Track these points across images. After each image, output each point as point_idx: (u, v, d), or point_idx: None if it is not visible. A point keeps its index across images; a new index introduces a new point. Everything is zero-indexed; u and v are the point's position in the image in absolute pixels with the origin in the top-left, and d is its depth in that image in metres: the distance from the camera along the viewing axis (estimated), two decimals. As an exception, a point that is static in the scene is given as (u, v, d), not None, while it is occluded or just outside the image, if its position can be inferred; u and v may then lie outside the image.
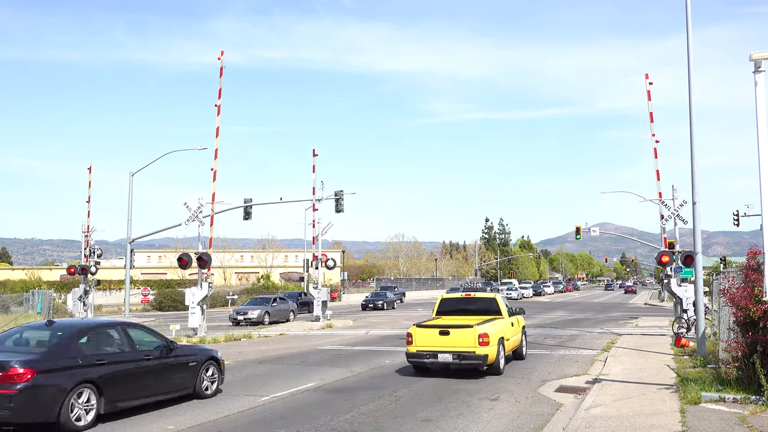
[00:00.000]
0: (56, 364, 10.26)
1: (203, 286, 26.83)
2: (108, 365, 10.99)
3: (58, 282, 62.49)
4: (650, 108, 27.10)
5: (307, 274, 59.73)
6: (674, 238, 25.81)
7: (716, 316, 17.15)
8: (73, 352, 10.66)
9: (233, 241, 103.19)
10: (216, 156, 28.48)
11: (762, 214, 10.87)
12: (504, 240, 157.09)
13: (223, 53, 29.52)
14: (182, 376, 12.59)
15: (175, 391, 12.45)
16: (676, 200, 25.61)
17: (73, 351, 10.70)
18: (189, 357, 12.90)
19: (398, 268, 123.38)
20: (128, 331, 12.04)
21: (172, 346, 12.61)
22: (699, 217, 17.75)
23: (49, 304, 38.95)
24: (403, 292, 69.88)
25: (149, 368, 11.81)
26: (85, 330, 11.37)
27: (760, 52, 10.92)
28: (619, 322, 35.08)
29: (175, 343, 12.88)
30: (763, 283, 10.81)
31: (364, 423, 10.63)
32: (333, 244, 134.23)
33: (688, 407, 10.61)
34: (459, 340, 15.08)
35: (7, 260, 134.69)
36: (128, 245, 37.29)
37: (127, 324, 12.54)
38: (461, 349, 14.99)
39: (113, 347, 11.49)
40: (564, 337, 25.85)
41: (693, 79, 17.59)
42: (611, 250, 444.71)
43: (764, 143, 10.78)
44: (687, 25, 17.57)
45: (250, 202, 38.69)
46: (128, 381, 11.29)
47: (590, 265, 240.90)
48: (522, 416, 11.15)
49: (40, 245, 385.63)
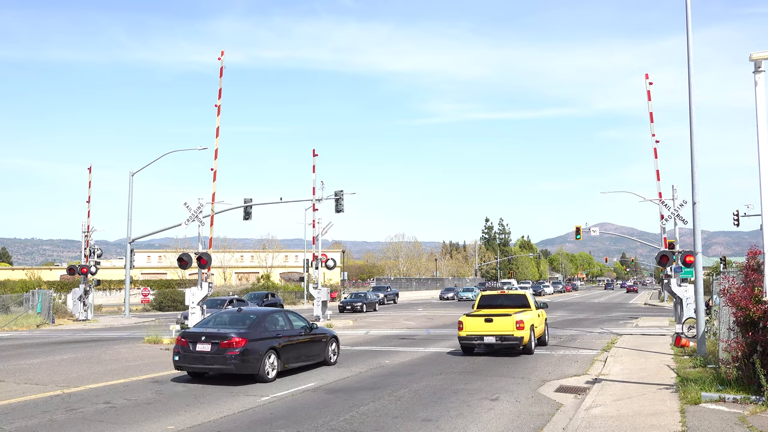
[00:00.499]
0: (256, 336, 15.05)
1: (203, 286, 26.81)
2: (281, 338, 15.78)
3: (58, 282, 62.47)
4: (650, 108, 27.09)
5: (307, 274, 59.74)
6: (674, 238, 25.81)
7: (716, 315, 17.15)
8: (263, 329, 15.47)
9: (233, 241, 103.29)
10: (216, 156, 28.48)
11: (762, 214, 10.88)
12: (504, 240, 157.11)
13: (223, 53, 29.51)
14: (318, 347, 17.33)
15: (314, 358, 17.09)
16: (676, 200, 25.61)
17: (262, 328, 15.51)
18: (322, 334, 17.62)
19: (398, 268, 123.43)
20: (288, 314, 17.02)
21: (313, 326, 17.28)
22: (699, 217, 17.76)
23: (49, 304, 38.98)
24: (396, 293, 67.50)
25: (302, 341, 16.56)
26: (267, 313, 16.32)
27: (760, 53, 10.92)
28: (619, 322, 35.07)
29: (315, 324, 17.57)
30: (763, 283, 10.81)
31: (364, 423, 10.62)
32: (333, 244, 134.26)
33: (688, 407, 10.60)
34: (500, 326, 19.06)
35: (7, 260, 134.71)
36: (128, 245, 37.31)
37: (287, 310, 17.80)
38: (502, 333, 18.94)
39: (281, 326, 16.26)
40: (564, 337, 25.85)
41: (693, 79, 17.59)
42: (611, 250, 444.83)
43: (764, 143, 10.78)
44: (687, 25, 17.57)
45: (250, 202, 38.72)
46: (292, 349, 16.06)
47: (590, 265, 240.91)
48: (522, 416, 11.15)
49: (40, 245, 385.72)
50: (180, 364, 15.03)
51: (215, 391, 13.81)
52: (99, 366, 18.43)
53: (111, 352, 22.43)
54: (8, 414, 11.61)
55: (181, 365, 15.03)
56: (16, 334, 31.49)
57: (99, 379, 15.86)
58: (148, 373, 16.82)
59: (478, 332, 19.21)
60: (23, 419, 11.15)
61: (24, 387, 14.73)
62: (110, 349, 23.20)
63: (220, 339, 14.61)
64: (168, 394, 13.55)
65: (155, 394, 13.56)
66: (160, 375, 16.38)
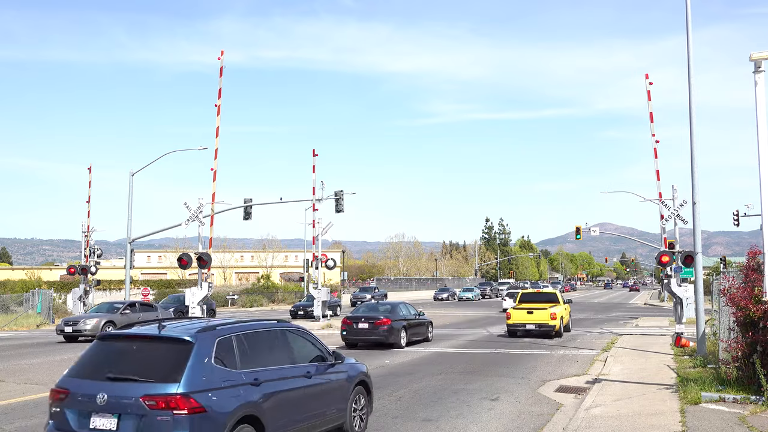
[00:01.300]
0: (395, 318, 22.30)
1: (203, 286, 26.83)
2: (407, 320, 22.93)
3: (58, 282, 62.46)
4: (650, 108, 27.07)
5: (307, 274, 59.74)
6: (674, 238, 25.78)
7: (716, 315, 17.15)
8: (396, 313, 22.54)
9: (233, 241, 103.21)
10: (216, 156, 28.50)
11: (762, 214, 10.87)
12: (504, 240, 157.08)
13: (223, 53, 29.54)
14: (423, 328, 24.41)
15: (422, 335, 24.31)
16: (676, 200, 25.58)
17: (397, 313, 22.59)
18: (425, 320, 24.82)
19: (398, 268, 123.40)
20: (406, 305, 24.02)
21: (421, 314, 24.77)
22: (699, 217, 17.75)
23: (49, 304, 39.00)
24: (385, 293, 64.64)
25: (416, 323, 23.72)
26: (397, 304, 23.55)
27: (760, 53, 10.92)
28: (619, 322, 35.07)
29: (422, 312, 25.30)
30: (763, 283, 10.80)
31: (364, 423, 10.63)
32: (333, 244, 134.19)
33: (688, 407, 10.60)
34: (539, 317, 25.14)
35: (7, 260, 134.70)
36: (128, 245, 37.30)
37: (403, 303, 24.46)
38: (540, 322, 25.05)
39: (405, 313, 23.20)
40: (564, 337, 25.86)
41: (693, 79, 17.59)
42: (611, 250, 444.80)
43: (764, 143, 10.78)
44: (687, 25, 17.57)
45: (250, 202, 38.70)
46: (412, 328, 23.16)
47: (590, 265, 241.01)
48: (522, 416, 11.15)
49: (40, 245, 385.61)
50: (347, 337, 22.44)
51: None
52: (99, 366, 18.40)
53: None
54: (8, 414, 11.61)
55: (348, 338, 22.43)
56: (16, 334, 31.49)
57: (99, 379, 15.83)
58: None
59: (521, 321, 25.35)
60: (23, 419, 11.15)
61: (24, 387, 14.72)
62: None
63: (374, 319, 21.95)
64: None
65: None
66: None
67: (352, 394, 9.42)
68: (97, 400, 6.80)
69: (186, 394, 6.69)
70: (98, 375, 7.07)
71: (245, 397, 7.25)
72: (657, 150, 27.10)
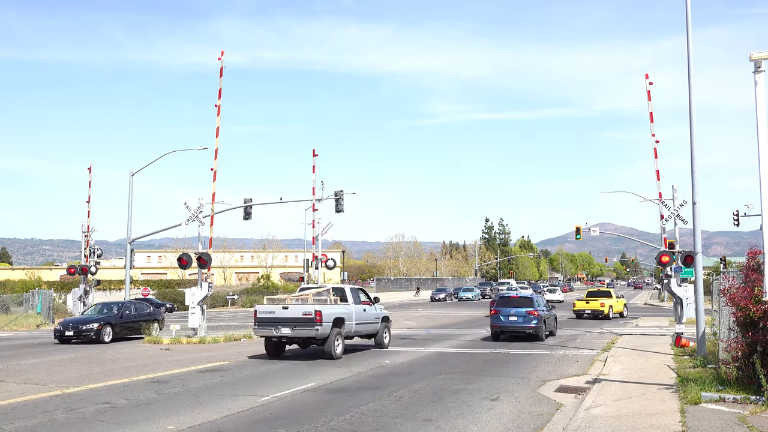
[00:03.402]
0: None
1: (203, 286, 26.81)
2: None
3: (58, 282, 62.50)
4: (650, 108, 27.05)
5: (307, 274, 59.67)
6: (674, 238, 25.78)
7: (716, 315, 17.15)
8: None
9: (233, 241, 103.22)
10: (216, 156, 28.47)
11: (762, 214, 10.87)
12: (504, 240, 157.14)
13: (223, 53, 29.48)
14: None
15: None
16: (676, 200, 25.57)
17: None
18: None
19: (398, 268, 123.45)
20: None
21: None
22: (699, 217, 17.75)
23: (49, 304, 39.03)
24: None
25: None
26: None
27: (760, 53, 10.92)
28: (619, 322, 35.11)
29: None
30: (763, 283, 10.80)
31: (364, 423, 10.62)
32: (333, 244, 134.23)
33: (688, 407, 10.60)
34: (594, 306, 37.87)
35: (7, 260, 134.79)
36: (128, 245, 37.28)
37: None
38: (595, 309, 37.69)
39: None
40: (564, 337, 25.88)
41: (693, 79, 17.58)
42: (611, 250, 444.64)
43: (764, 143, 10.78)
44: (687, 25, 17.56)
45: (250, 202, 38.68)
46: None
47: (590, 265, 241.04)
48: (522, 416, 11.15)
49: (40, 245, 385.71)
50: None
51: (215, 391, 13.82)
52: (99, 366, 18.43)
53: (111, 351, 22.44)
54: (8, 414, 11.61)
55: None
56: (16, 334, 31.50)
57: (99, 379, 15.85)
58: (148, 373, 16.82)
59: (583, 308, 38.25)
60: (23, 419, 11.15)
61: (24, 387, 14.72)
62: (110, 349, 23.21)
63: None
64: (168, 394, 13.55)
65: (155, 394, 13.55)
66: (160, 375, 16.38)
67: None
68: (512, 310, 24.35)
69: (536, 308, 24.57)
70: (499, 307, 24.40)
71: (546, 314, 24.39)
72: (657, 150, 27.08)
